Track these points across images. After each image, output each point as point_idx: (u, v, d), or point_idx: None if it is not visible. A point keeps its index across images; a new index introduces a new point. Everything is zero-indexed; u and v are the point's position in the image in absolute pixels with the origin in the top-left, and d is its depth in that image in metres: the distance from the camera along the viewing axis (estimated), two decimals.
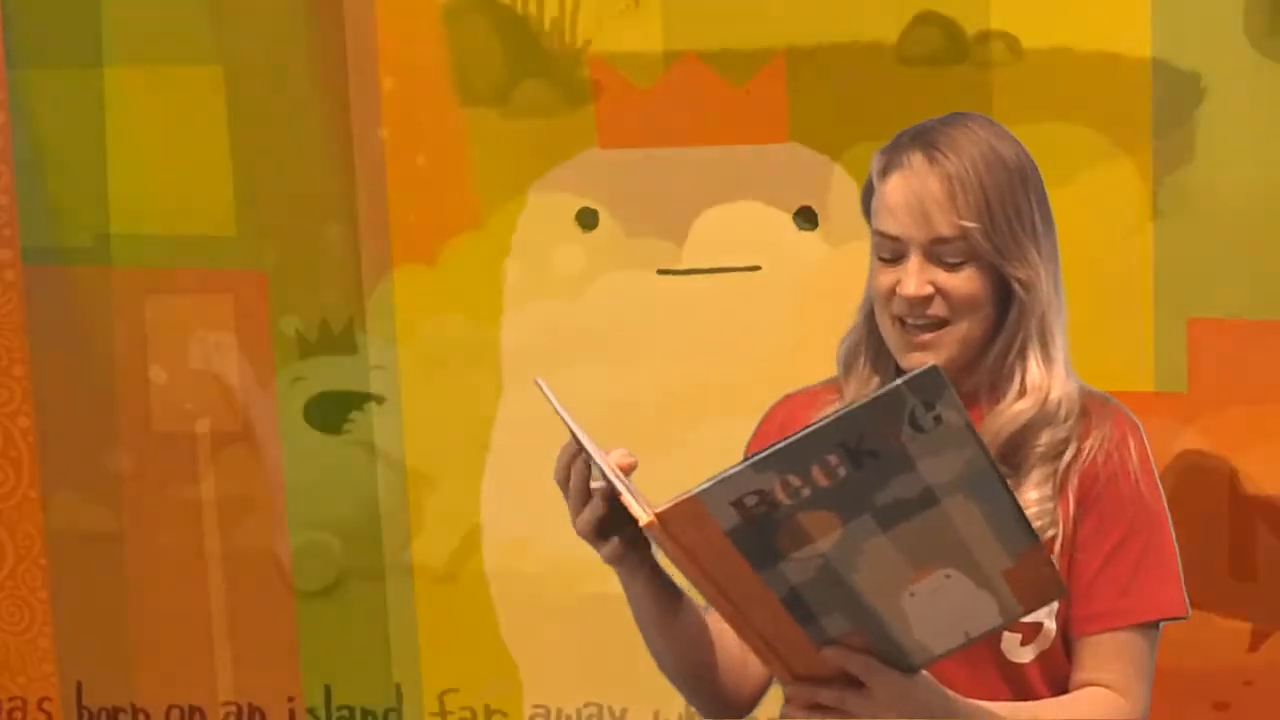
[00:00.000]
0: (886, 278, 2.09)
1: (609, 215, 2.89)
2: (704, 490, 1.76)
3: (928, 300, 2.07)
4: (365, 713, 2.99)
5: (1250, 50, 2.71)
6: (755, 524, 1.77)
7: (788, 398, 2.25)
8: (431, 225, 2.93)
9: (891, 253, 2.09)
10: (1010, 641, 2.05)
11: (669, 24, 2.82)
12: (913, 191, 2.06)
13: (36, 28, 2.99)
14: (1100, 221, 2.74)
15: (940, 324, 2.08)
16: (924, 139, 2.10)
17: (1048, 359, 2.09)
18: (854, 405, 1.74)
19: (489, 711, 2.89)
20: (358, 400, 2.98)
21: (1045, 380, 2.08)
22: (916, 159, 2.07)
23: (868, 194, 2.12)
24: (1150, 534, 2.09)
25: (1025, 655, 2.06)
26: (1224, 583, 2.80)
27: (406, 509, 2.95)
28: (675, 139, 2.81)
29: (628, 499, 1.85)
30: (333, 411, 2.98)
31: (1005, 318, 2.08)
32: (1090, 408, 2.12)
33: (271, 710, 3.00)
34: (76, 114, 3.00)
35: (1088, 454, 2.08)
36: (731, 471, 1.76)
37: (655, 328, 2.84)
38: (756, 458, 1.75)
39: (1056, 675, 2.08)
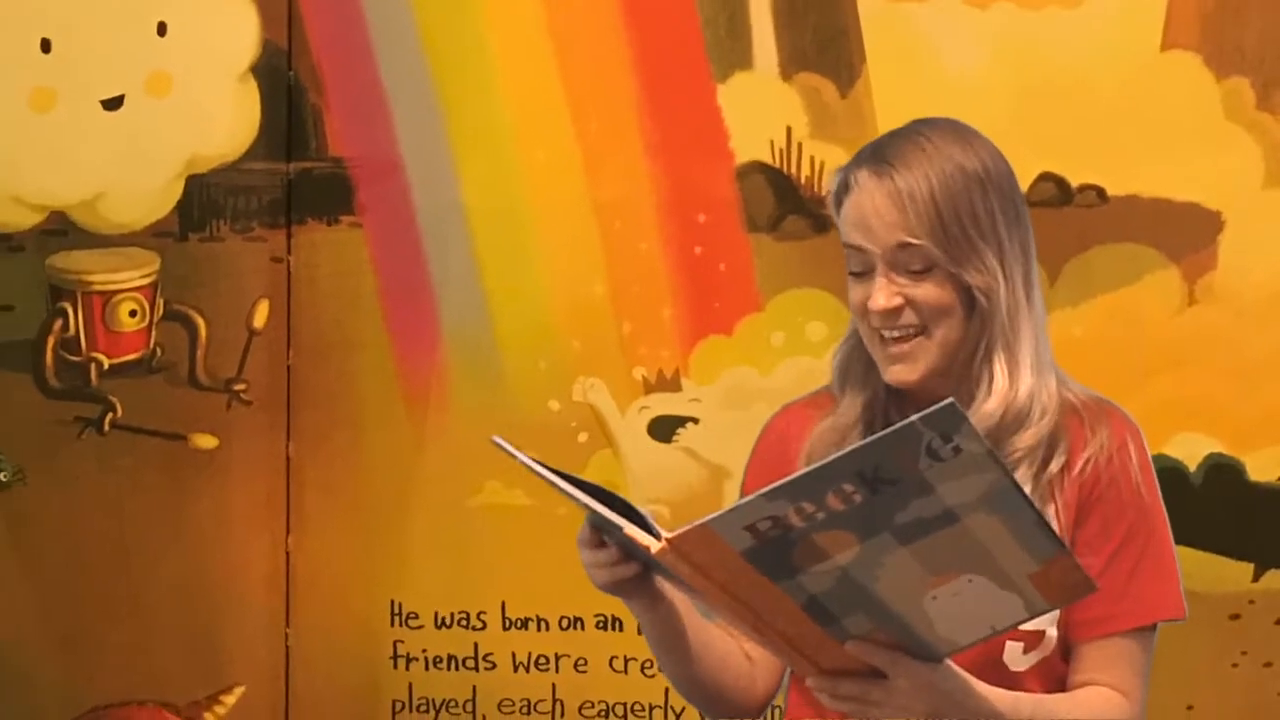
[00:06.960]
0: (859, 292, 1.92)
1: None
2: (715, 519, 1.62)
3: (899, 311, 1.89)
4: None
5: (1254, 197, 3.24)
6: (770, 544, 1.62)
7: (785, 408, 2.10)
8: (729, 308, 3.37)
9: (860, 264, 1.91)
10: (1013, 651, 1.92)
11: None
12: (862, 209, 1.89)
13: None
14: (1155, 308, 3.25)
15: (917, 331, 1.90)
16: (874, 155, 1.91)
17: (1012, 360, 1.89)
18: (868, 441, 1.59)
19: None
20: (681, 421, 3.40)
21: (1010, 382, 1.89)
22: (864, 176, 1.90)
23: (835, 208, 1.96)
24: (1149, 536, 1.94)
25: (1025, 663, 1.94)
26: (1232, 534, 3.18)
27: (712, 491, 3.32)
28: None
29: (632, 530, 1.71)
30: (665, 428, 3.39)
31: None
32: (1087, 413, 1.95)
33: (627, 620, 3.31)
34: (499, 232, 3.42)
35: (1086, 462, 1.92)
36: (743, 502, 1.62)
37: None
38: (769, 489, 1.59)
39: (1052, 681, 1.95)
